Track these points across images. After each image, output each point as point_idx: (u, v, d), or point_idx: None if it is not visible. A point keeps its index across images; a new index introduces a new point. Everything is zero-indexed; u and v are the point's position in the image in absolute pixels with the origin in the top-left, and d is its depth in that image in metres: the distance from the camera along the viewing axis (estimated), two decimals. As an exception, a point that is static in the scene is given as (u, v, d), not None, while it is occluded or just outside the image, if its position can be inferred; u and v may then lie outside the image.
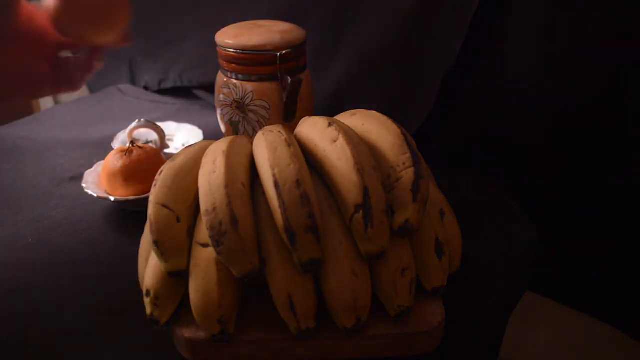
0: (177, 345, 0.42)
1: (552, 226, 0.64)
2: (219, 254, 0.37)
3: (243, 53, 0.59)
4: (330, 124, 0.42)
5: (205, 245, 0.39)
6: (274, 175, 0.38)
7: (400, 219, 0.39)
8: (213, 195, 0.38)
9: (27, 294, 0.49)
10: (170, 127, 0.77)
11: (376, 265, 0.40)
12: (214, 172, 0.39)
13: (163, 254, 0.39)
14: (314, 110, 0.67)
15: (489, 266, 0.52)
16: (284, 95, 0.60)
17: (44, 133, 0.82)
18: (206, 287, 0.38)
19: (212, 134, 0.74)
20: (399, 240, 0.40)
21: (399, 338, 0.41)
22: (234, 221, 0.37)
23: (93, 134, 0.81)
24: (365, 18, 0.72)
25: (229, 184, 0.38)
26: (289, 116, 0.62)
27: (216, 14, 0.85)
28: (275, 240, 0.39)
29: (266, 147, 0.40)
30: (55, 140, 0.79)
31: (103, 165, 0.60)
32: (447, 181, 0.54)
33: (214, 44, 0.62)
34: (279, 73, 0.59)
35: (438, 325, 0.41)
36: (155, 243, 0.39)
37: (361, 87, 0.76)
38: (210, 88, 0.90)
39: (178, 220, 0.40)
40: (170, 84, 0.97)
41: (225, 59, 0.61)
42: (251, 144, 0.45)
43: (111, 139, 0.78)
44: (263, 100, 0.61)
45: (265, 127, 0.44)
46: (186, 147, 0.46)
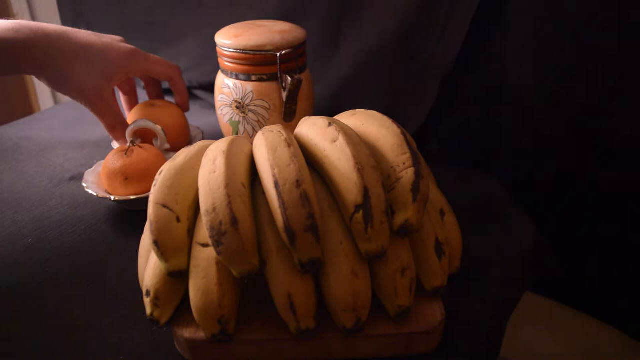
0: (177, 345, 0.42)
1: (552, 226, 0.64)
2: (219, 254, 0.37)
3: (243, 53, 0.59)
4: (330, 124, 0.42)
5: (205, 245, 0.39)
6: (274, 175, 0.38)
7: (400, 219, 0.39)
8: (213, 195, 0.38)
9: (27, 294, 0.49)
10: None
11: (376, 265, 0.40)
12: (214, 172, 0.39)
13: (163, 254, 0.39)
14: (314, 110, 0.67)
15: (489, 266, 0.52)
16: (284, 95, 0.60)
17: (44, 133, 0.82)
18: (206, 287, 0.38)
19: (212, 134, 0.74)
20: (399, 240, 0.40)
21: (399, 338, 0.41)
22: (234, 221, 0.37)
23: (93, 134, 0.81)
24: (365, 18, 0.72)
25: (229, 184, 0.38)
26: (289, 116, 0.62)
27: (216, 14, 0.85)
28: (275, 240, 0.39)
29: (266, 147, 0.40)
30: (55, 140, 0.79)
31: (103, 164, 0.59)
32: (447, 181, 0.54)
33: (214, 44, 0.62)
34: (279, 73, 0.59)
35: (438, 325, 0.41)
36: (155, 243, 0.39)
37: (361, 87, 0.76)
38: (210, 88, 0.90)
39: (178, 220, 0.40)
40: (170, 84, 0.97)
41: (225, 59, 0.61)
42: (251, 144, 0.45)
43: (111, 139, 0.77)
44: (263, 100, 0.61)
45: (265, 127, 0.44)
46: (186, 147, 0.46)
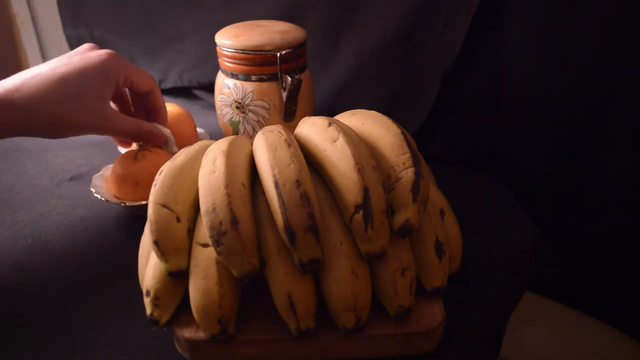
0: (177, 345, 0.42)
1: (552, 226, 0.64)
2: (219, 254, 0.37)
3: (243, 53, 0.59)
4: (330, 124, 0.42)
5: (205, 245, 0.39)
6: (274, 175, 0.38)
7: (400, 219, 0.39)
8: (213, 195, 0.38)
9: (27, 294, 0.49)
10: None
11: (376, 265, 0.40)
12: (214, 172, 0.39)
13: (163, 254, 0.39)
14: (314, 110, 0.67)
15: (489, 266, 0.52)
16: (284, 95, 0.60)
17: (44, 133, 0.82)
18: (206, 287, 0.38)
19: (212, 134, 0.74)
20: (399, 240, 0.40)
21: (399, 338, 0.41)
22: (234, 221, 0.37)
23: (93, 134, 0.81)
24: (365, 18, 0.72)
25: (229, 184, 0.38)
26: (289, 116, 0.62)
27: (216, 14, 0.85)
28: (275, 240, 0.39)
29: (266, 147, 0.40)
30: (55, 141, 0.79)
31: (111, 169, 0.59)
32: (447, 181, 0.54)
33: (214, 44, 0.62)
34: (279, 73, 0.59)
35: (438, 325, 0.41)
36: (155, 243, 0.39)
37: (361, 88, 0.76)
38: (210, 88, 0.90)
39: (178, 220, 0.40)
40: (170, 84, 0.97)
41: (225, 59, 0.61)
42: (251, 144, 0.45)
43: (111, 139, 0.77)
44: (263, 100, 0.61)
45: (265, 127, 0.44)
46: (186, 147, 0.46)
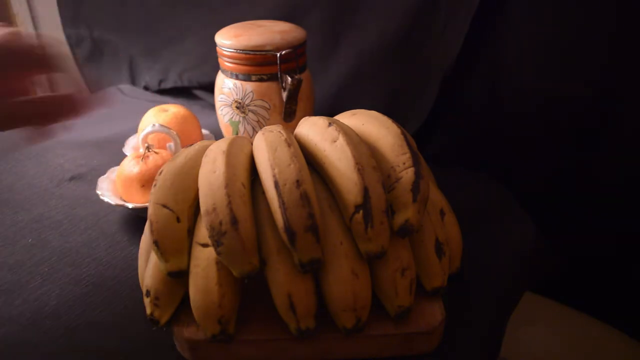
0: (177, 345, 0.42)
1: (553, 226, 0.64)
2: (219, 254, 0.37)
3: (243, 53, 0.59)
4: (330, 124, 0.42)
5: (205, 245, 0.39)
6: (274, 175, 0.38)
7: (400, 219, 0.39)
8: (213, 195, 0.38)
9: (27, 294, 0.49)
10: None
11: (376, 265, 0.40)
12: (214, 172, 0.39)
13: (163, 254, 0.39)
14: (314, 110, 0.67)
15: (489, 266, 0.52)
16: (284, 95, 0.60)
17: (44, 133, 0.82)
18: (206, 287, 0.38)
19: (212, 134, 0.74)
20: (399, 240, 0.40)
21: (399, 338, 0.41)
22: (234, 221, 0.37)
23: (93, 134, 0.81)
24: (365, 18, 0.72)
25: (229, 184, 0.38)
26: (289, 116, 0.62)
27: (216, 14, 0.85)
28: (275, 240, 0.39)
29: (266, 147, 0.40)
30: (55, 140, 0.79)
31: (118, 171, 0.59)
32: (447, 181, 0.54)
33: (214, 44, 0.62)
34: (279, 73, 0.59)
35: (438, 325, 0.41)
36: (155, 243, 0.39)
37: (361, 88, 0.76)
38: (210, 88, 0.90)
39: (178, 220, 0.40)
40: (170, 84, 0.97)
41: (225, 59, 0.61)
42: (251, 144, 0.45)
43: (111, 139, 0.77)
44: (263, 100, 0.61)
45: (265, 127, 0.44)
46: (186, 147, 0.46)
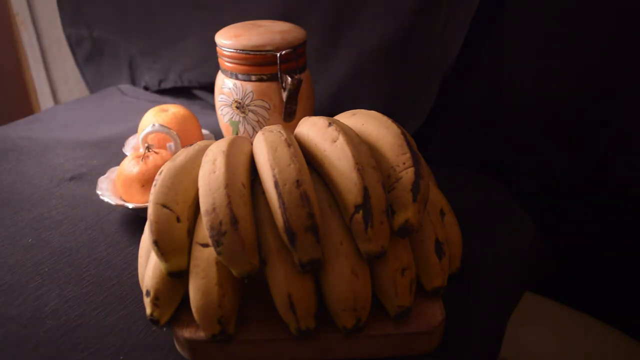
0: (177, 345, 0.42)
1: (553, 226, 0.64)
2: (219, 254, 0.37)
3: (243, 53, 0.59)
4: (330, 124, 0.42)
5: (205, 245, 0.39)
6: (274, 175, 0.38)
7: (400, 219, 0.39)
8: (213, 195, 0.38)
9: (27, 294, 0.49)
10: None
11: (376, 265, 0.40)
12: (214, 172, 0.39)
13: (163, 254, 0.39)
14: (314, 110, 0.67)
15: (489, 266, 0.52)
16: (284, 95, 0.60)
17: (44, 133, 0.82)
18: (206, 287, 0.38)
19: (212, 134, 0.74)
20: (399, 240, 0.40)
21: (399, 338, 0.41)
22: (234, 221, 0.37)
23: (93, 134, 0.81)
24: (365, 18, 0.72)
25: (229, 184, 0.38)
26: (289, 116, 0.62)
27: (216, 14, 0.85)
28: (275, 240, 0.39)
29: (266, 147, 0.40)
30: (55, 140, 0.79)
31: (118, 171, 0.59)
32: (447, 181, 0.54)
33: (214, 44, 0.62)
34: (279, 73, 0.59)
35: (438, 325, 0.41)
36: (155, 243, 0.39)
37: (361, 87, 0.76)
38: (210, 88, 0.90)
39: (178, 220, 0.40)
40: (170, 84, 0.97)
41: (225, 59, 0.61)
42: (251, 144, 0.45)
43: (111, 139, 0.78)
44: (263, 100, 0.61)
45: (265, 127, 0.44)
46: (186, 147, 0.46)
